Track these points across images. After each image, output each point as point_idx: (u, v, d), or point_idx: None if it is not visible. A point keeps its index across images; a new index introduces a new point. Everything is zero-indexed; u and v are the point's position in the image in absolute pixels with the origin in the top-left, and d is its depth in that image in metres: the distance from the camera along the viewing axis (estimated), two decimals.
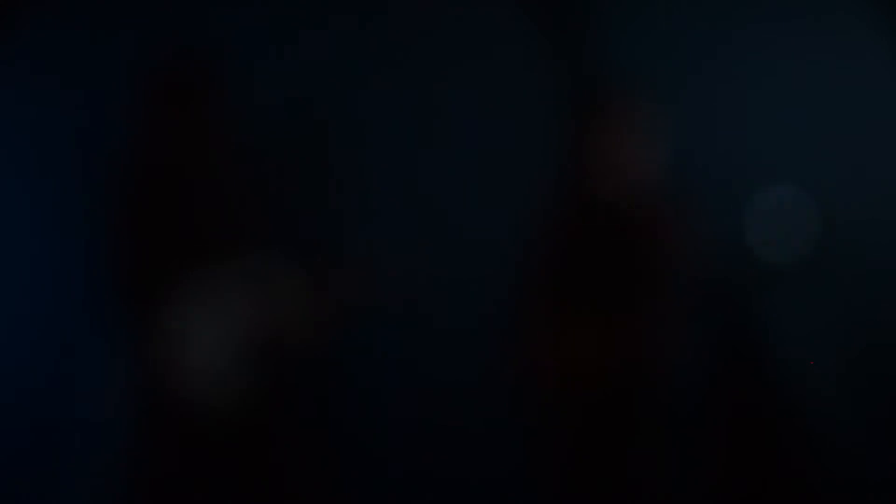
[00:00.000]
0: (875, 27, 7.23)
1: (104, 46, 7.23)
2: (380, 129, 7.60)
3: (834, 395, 6.87)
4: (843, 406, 6.73)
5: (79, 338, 7.11)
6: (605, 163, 6.96)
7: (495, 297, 6.55)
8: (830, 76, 7.42)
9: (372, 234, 7.36)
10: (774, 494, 5.42)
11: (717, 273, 6.91)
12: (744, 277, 5.93)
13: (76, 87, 7.25)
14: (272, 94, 7.44)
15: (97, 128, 7.28)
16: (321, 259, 6.22)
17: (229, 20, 7.38)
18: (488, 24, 7.59)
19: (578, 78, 7.57)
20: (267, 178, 6.75)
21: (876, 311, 5.74)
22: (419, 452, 6.26)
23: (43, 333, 7.06)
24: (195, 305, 5.16)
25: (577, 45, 7.57)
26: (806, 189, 5.95)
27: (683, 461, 5.77)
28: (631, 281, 6.58)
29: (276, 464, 5.30)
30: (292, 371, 5.52)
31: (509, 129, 7.72)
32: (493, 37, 7.62)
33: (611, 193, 6.91)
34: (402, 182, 7.56)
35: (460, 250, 7.03)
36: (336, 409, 6.43)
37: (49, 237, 7.17)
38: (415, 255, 6.90)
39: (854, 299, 5.97)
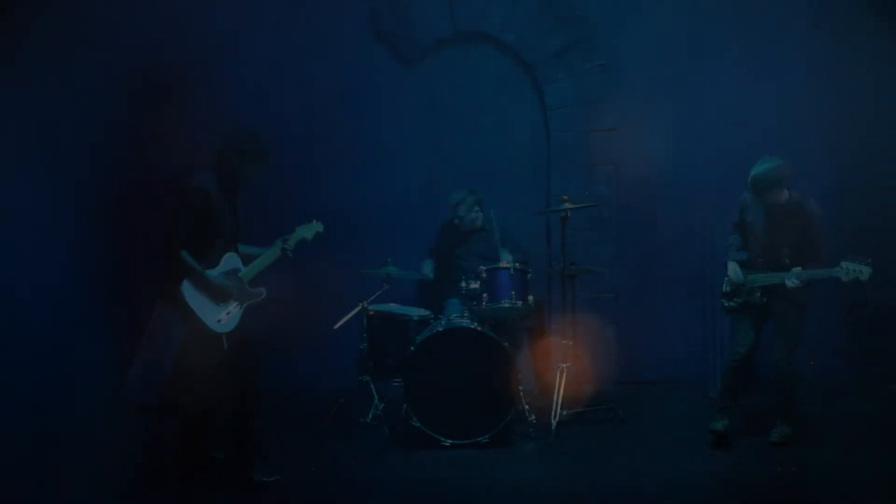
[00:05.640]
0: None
1: (101, 47, 7.27)
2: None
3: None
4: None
5: (77, 333, 7.16)
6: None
7: None
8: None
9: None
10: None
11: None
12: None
13: (75, 88, 7.28)
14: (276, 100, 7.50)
15: (95, 128, 7.31)
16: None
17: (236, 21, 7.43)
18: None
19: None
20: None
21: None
22: None
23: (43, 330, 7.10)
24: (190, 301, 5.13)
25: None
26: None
27: None
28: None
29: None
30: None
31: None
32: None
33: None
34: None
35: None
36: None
37: (47, 235, 7.21)
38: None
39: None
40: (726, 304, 5.92)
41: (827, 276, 5.52)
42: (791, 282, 5.58)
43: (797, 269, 5.59)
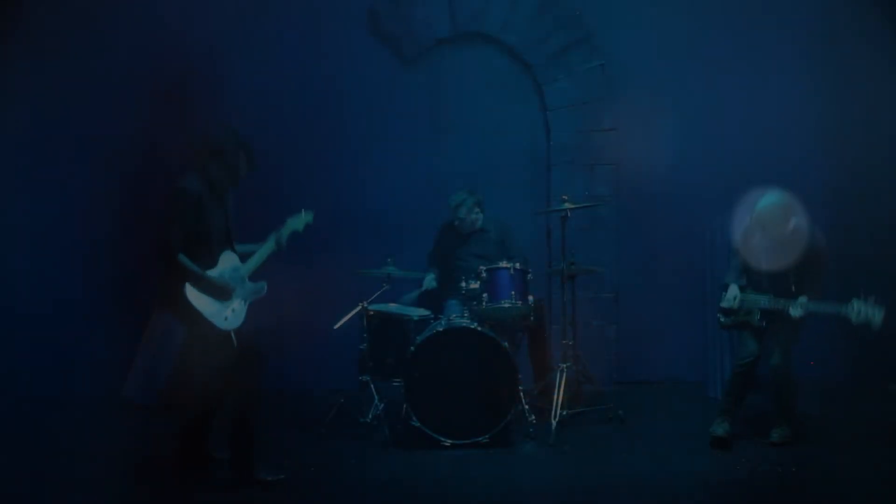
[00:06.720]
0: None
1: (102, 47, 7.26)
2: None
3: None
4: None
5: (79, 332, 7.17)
6: None
7: None
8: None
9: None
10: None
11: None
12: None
13: (76, 87, 7.28)
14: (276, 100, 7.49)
15: (97, 127, 7.30)
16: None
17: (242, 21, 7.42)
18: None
19: None
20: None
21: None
22: None
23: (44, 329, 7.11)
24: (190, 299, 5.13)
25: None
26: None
27: None
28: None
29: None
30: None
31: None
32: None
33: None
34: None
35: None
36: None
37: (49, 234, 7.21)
38: None
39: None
40: (722, 321, 5.93)
41: (836, 313, 5.45)
42: (796, 311, 5.57)
43: (803, 300, 5.57)
